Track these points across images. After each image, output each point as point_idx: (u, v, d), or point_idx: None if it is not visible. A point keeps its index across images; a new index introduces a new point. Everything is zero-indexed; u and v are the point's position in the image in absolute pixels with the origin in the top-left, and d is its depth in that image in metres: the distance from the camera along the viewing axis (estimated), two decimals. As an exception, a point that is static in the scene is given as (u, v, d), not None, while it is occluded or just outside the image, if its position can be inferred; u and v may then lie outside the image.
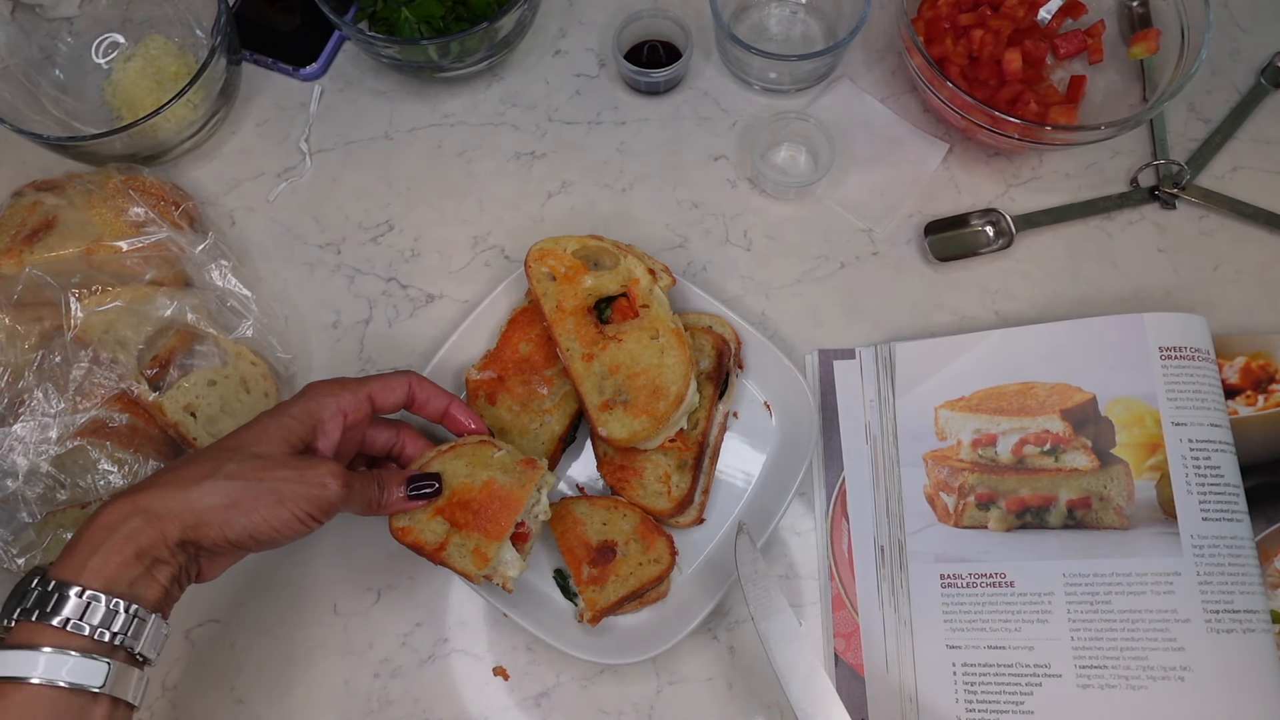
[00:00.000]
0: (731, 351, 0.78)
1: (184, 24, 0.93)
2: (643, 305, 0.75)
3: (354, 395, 0.65)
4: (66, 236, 0.79)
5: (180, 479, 0.57)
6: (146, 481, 0.58)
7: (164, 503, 0.56)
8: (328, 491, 0.59)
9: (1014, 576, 0.72)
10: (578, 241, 0.77)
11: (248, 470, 0.58)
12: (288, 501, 0.58)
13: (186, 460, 0.59)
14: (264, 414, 0.63)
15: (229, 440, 0.60)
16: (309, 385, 0.65)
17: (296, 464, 0.60)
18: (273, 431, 0.61)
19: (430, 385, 0.70)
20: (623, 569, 0.72)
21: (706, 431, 0.76)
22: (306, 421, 0.62)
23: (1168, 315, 0.75)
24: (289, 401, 0.63)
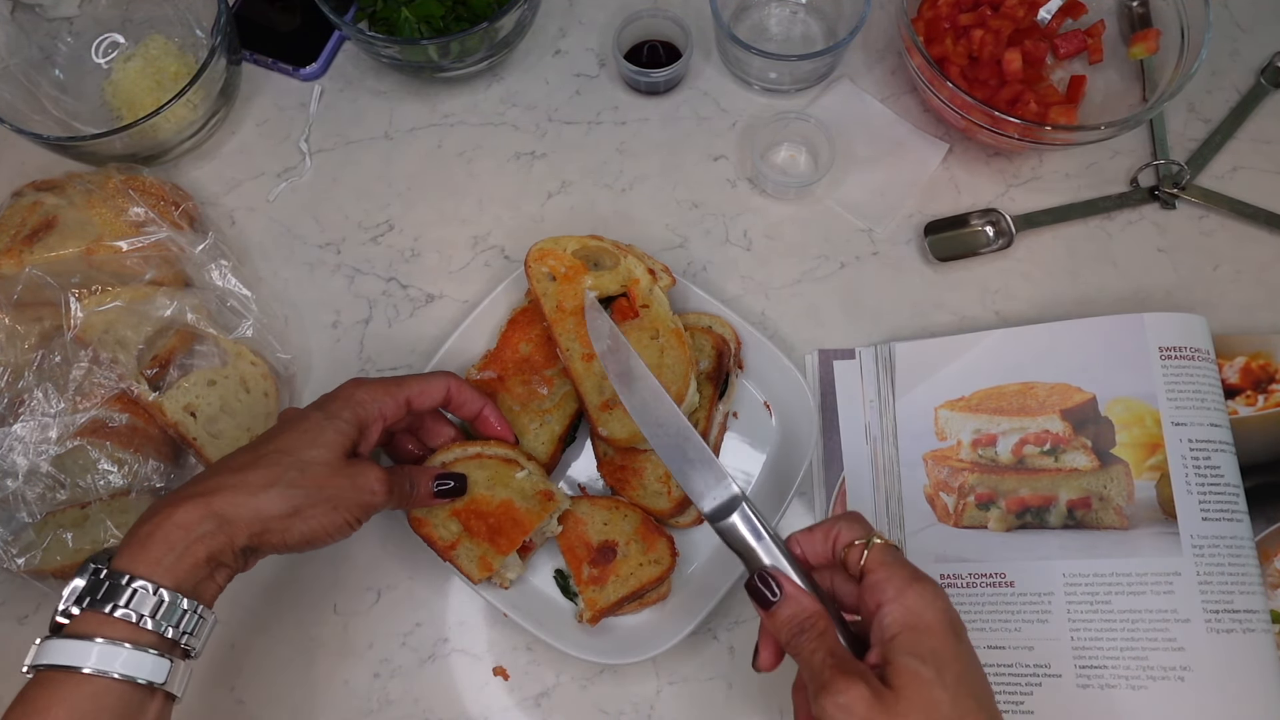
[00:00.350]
0: (731, 351, 0.78)
1: (184, 24, 0.93)
2: (643, 305, 0.75)
3: (394, 400, 0.66)
4: (66, 236, 0.79)
5: (248, 484, 0.58)
6: (214, 482, 0.58)
7: (236, 509, 0.57)
8: (376, 498, 0.63)
9: (1014, 576, 0.72)
10: (578, 241, 0.77)
11: (309, 479, 0.60)
12: (341, 508, 0.61)
13: (248, 462, 0.60)
14: (314, 415, 0.63)
15: (284, 441, 0.61)
16: (353, 386, 0.66)
17: (349, 471, 0.62)
18: (328, 437, 0.62)
19: (468, 389, 0.72)
20: (623, 569, 0.72)
21: (706, 431, 0.76)
22: (356, 428, 0.64)
23: (1168, 315, 0.75)
24: (336, 404, 0.64)
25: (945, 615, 0.53)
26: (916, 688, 0.50)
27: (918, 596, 0.53)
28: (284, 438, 0.61)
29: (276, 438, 0.62)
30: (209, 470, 0.60)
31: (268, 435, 0.62)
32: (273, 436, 0.62)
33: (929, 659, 0.51)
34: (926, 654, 0.51)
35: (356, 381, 0.66)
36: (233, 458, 0.61)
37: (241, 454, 0.61)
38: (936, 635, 0.52)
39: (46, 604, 0.78)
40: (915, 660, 0.51)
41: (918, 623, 0.52)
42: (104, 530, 0.73)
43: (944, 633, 0.52)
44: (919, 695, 0.50)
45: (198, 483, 0.59)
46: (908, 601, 0.53)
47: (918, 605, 0.52)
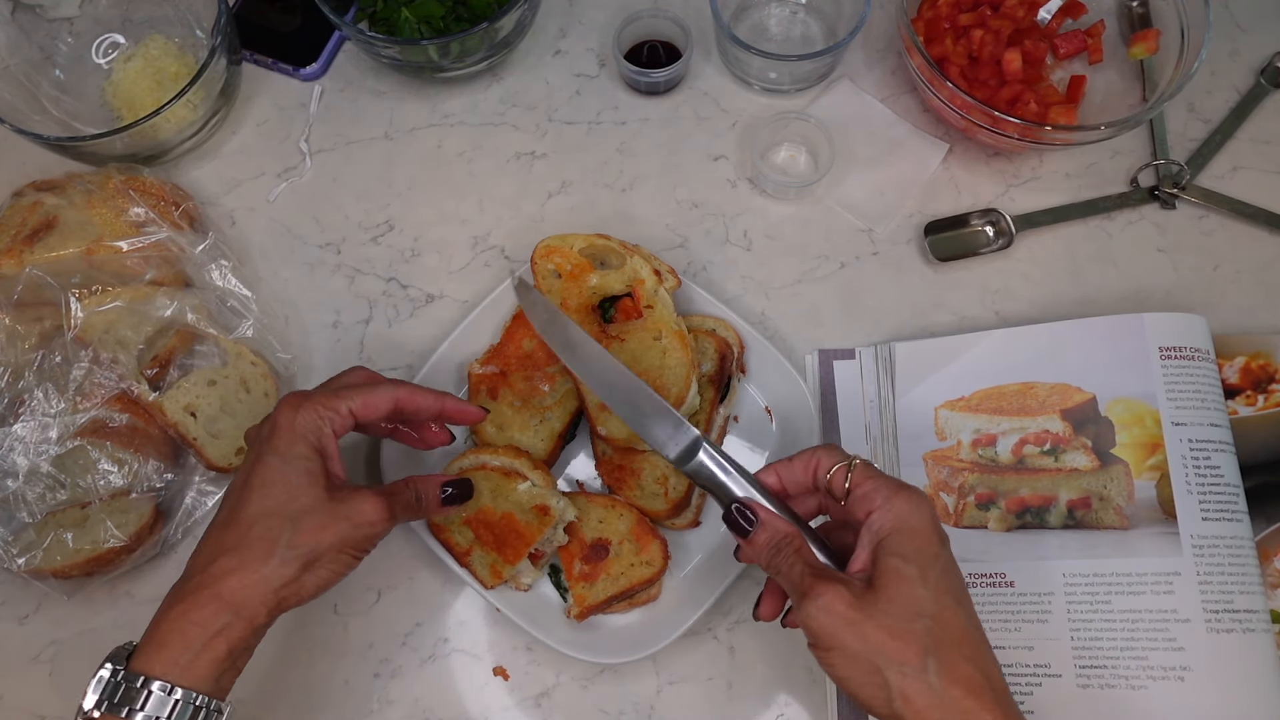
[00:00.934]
0: (734, 355, 0.78)
1: (184, 24, 0.93)
2: (647, 306, 0.75)
3: (337, 414, 0.62)
4: (67, 236, 0.79)
5: (249, 562, 0.57)
6: (217, 568, 0.57)
7: (247, 592, 0.56)
8: (377, 528, 0.61)
9: (1014, 576, 0.72)
10: (584, 240, 0.77)
11: (305, 534, 0.58)
12: (346, 549, 0.60)
13: (239, 538, 0.58)
14: (269, 460, 0.59)
15: (260, 503, 0.58)
16: (289, 411, 0.61)
17: (341, 510, 0.59)
18: (299, 480, 0.59)
19: (420, 392, 0.66)
20: (614, 568, 0.72)
21: (706, 434, 0.76)
22: (316, 456, 0.61)
23: (1168, 315, 0.75)
24: (281, 440, 0.60)
25: (931, 520, 0.56)
26: (899, 584, 0.53)
27: (905, 501, 0.56)
28: (256, 499, 0.58)
29: (248, 501, 0.58)
30: (201, 556, 0.58)
31: (238, 501, 0.59)
32: (244, 501, 0.59)
33: (913, 558, 0.54)
34: (911, 553, 0.54)
35: (289, 404, 0.61)
36: (220, 536, 0.58)
37: (226, 531, 0.58)
38: (922, 537, 0.55)
39: (47, 604, 0.78)
40: (899, 560, 0.54)
41: (904, 525, 0.55)
42: (104, 530, 0.73)
43: (929, 535, 0.55)
44: (901, 592, 0.53)
45: (198, 572, 0.57)
46: (896, 506, 0.55)
47: (905, 509, 0.55)
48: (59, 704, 0.76)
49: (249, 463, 0.61)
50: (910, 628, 0.52)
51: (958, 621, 0.53)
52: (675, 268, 0.80)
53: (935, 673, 0.51)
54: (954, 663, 0.52)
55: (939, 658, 0.52)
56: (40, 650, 0.77)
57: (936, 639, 0.52)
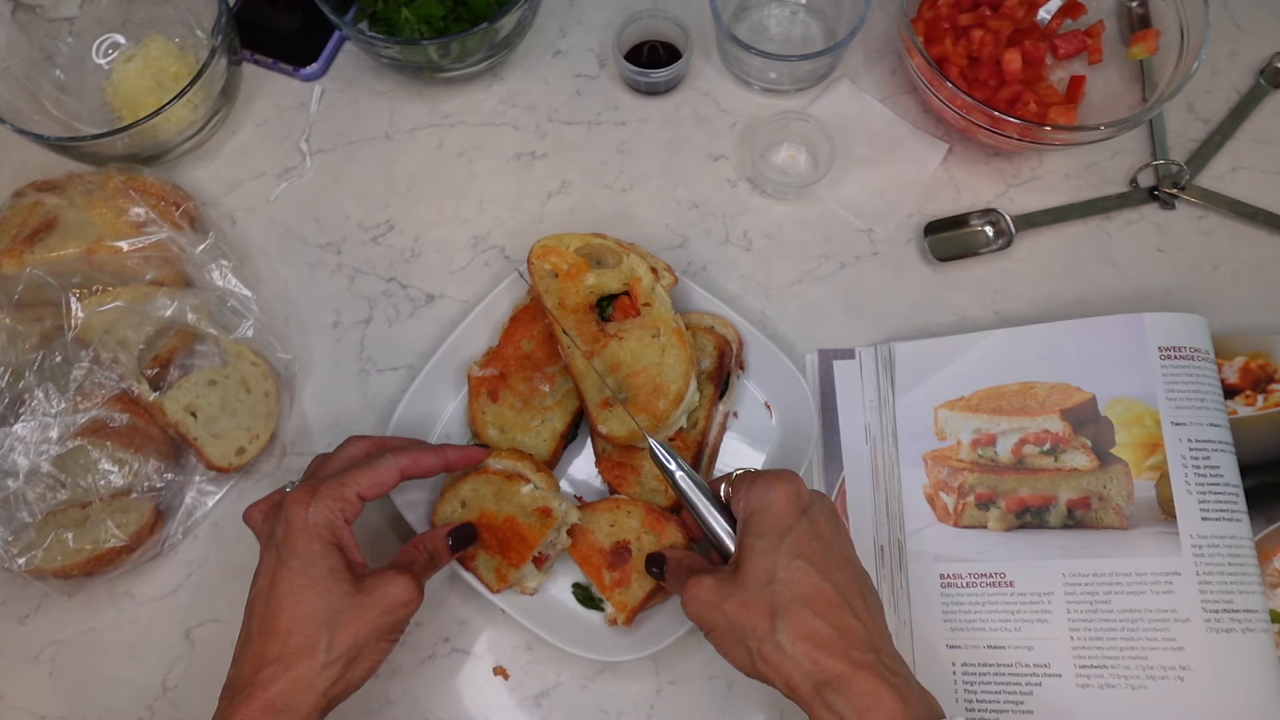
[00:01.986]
0: (733, 352, 0.78)
1: (184, 24, 0.93)
2: (644, 304, 0.75)
3: (348, 504, 0.63)
4: (67, 236, 0.79)
5: (295, 669, 0.57)
6: (265, 676, 0.57)
7: (298, 698, 0.57)
8: (410, 607, 0.62)
9: (1014, 576, 0.72)
10: (581, 239, 0.77)
11: (344, 633, 0.59)
12: (385, 635, 0.61)
13: (281, 649, 0.58)
14: (292, 565, 0.60)
15: (292, 611, 0.59)
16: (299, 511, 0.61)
17: (372, 601, 0.60)
18: (325, 582, 0.60)
19: (423, 455, 0.68)
20: (641, 562, 0.72)
21: (706, 431, 0.77)
22: (336, 550, 0.61)
23: (1167, 315, 0.75)
24: (298, 541, 0.60)
25: (787, 496, 0.60)
26: (752, 559, 0.59)
27: (760, 485, 0.61)
28: (288, 607, 0.59)
29: (280, 610, 0.59)
30: (245, 667, 0.59)
31: (269, 610, 0.59)
32: (276, 610, 0.59)
33: (766, 533, 0.59)
34: (765, 529, 0.59)
35: (300, 502, 0.61)
36: (260, 647, 0.59)
37: (266, 642, 0.59)
38: (774, 512, 0.60)
39: (47, 604, 0.78)
40: (754, 537, 0.59)
41: (759, 506, 0.60)
42: (104, 530, 0.74)
43: (783, 509, 0.60)
44: (753, 565, 0.58)
45: (247, 684, 0.57)
46: (752, 492, 0.61)
47: (759, 493, 0.61)
48: (59, 704, 0.76)
49: (270, 567, 0.61)
50: (759, 596, 0.57)
51: (808, 581, 0.57)
52: (675, 267, 0.80)
53: (783, 631, 0.56)
54: (800, 619, 0.56)
55: (786, 617, 0.56)
56: (40, 650, 0.77)
57: (784, 600, 0.56)
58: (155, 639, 0.77)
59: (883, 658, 0.56)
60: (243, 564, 0.79)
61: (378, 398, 0.83)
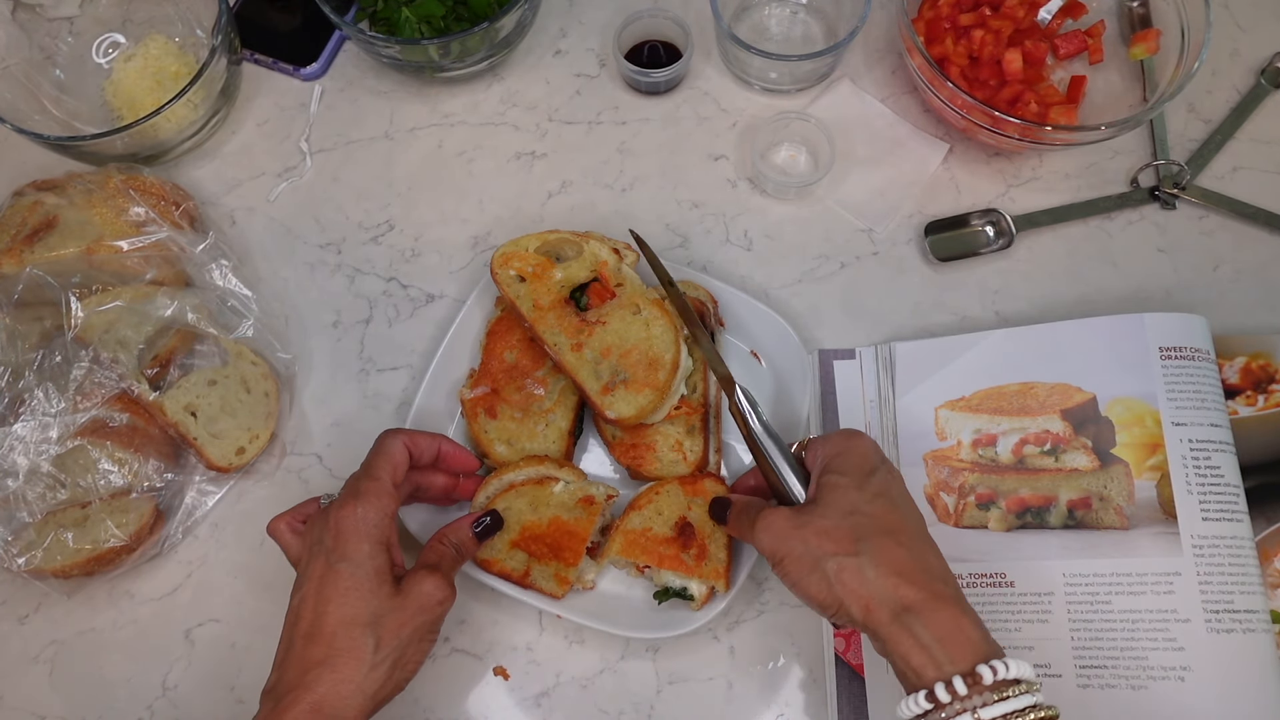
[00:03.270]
0: (711, 311, 0.79)
1: (184, 24, 0.93)
2: (617, 284, 0.76)
3: (389, 496, 0.64)
4: (67, 236, 0.79)
5: (341, 673, 0.58)
6: (312, 678, 0.58)
7: (346, 702, 0.58)
8: (445, 605, 0.63)
9: (1014, 576, 0.72)
10: (537, 239, 0.78)
11: (388, 638, 0.60)
12: (425, 637, 0.63)
13: (325, 652, 0.58)
14: (341, 569, 0.60)
15: (338, 614, 0.59)
16: (350, 514, 0.62)
17: (410, 603, 0.61)
18: (370, 585, 0.60)
19: (418, 435, 0.69)
20: (707, 528, 0.73)
21: (706, 393, 0.78)
22: (385, 554, 0.62)
23: (1168, 315, 0.75)
24: (348, 544, 0.61)
25: (870, 445, 0.63)
26: (833, 492, 0.60)
27: (842, 436, 0.64)
28: (334, 610, 0.59)
29: (327, 613, 0.59)
30: (290, 670, 0.59)
31: (315, 610, 0.60)
32: (323, 613, 0.60)
33: (848, 471, 0.61)
34: (847, 468, 0.61)
35: (348, 505, 0.62)
36: (305, 649, 0.59)
37: (311, 645, 0.59)
38: (858, 455, 0.62)
39: (47, 604, 0.78)
40: (835, 474, 0.61)
41: (840, 450, 0.62)
42: (104, 530, 0.74)
43: (866, 454, 0.62)
44: (835, 497, 0.60)
45: (294, 687, 0.58)
46: (833, 440, 0.64)
47: (840, 439, 0.64)
48: (59, 704, 0.76)
49: (318, 572, 0.61)
50: (842, 523, 0.58)
51: (893, 515, 0.59)
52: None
53: (867, 555, 0.57)
54: (885, 547, 0.57)
55: (870, 543, 0.57)
56: (40, 650, 0.77)
57: (868, 529, 0.58)
58: (155, 639, 0.77)
59: (960, 594, 0.57)
60: (243, 564, 0.79)
61: (378, 398, 0.83)
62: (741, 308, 0.80)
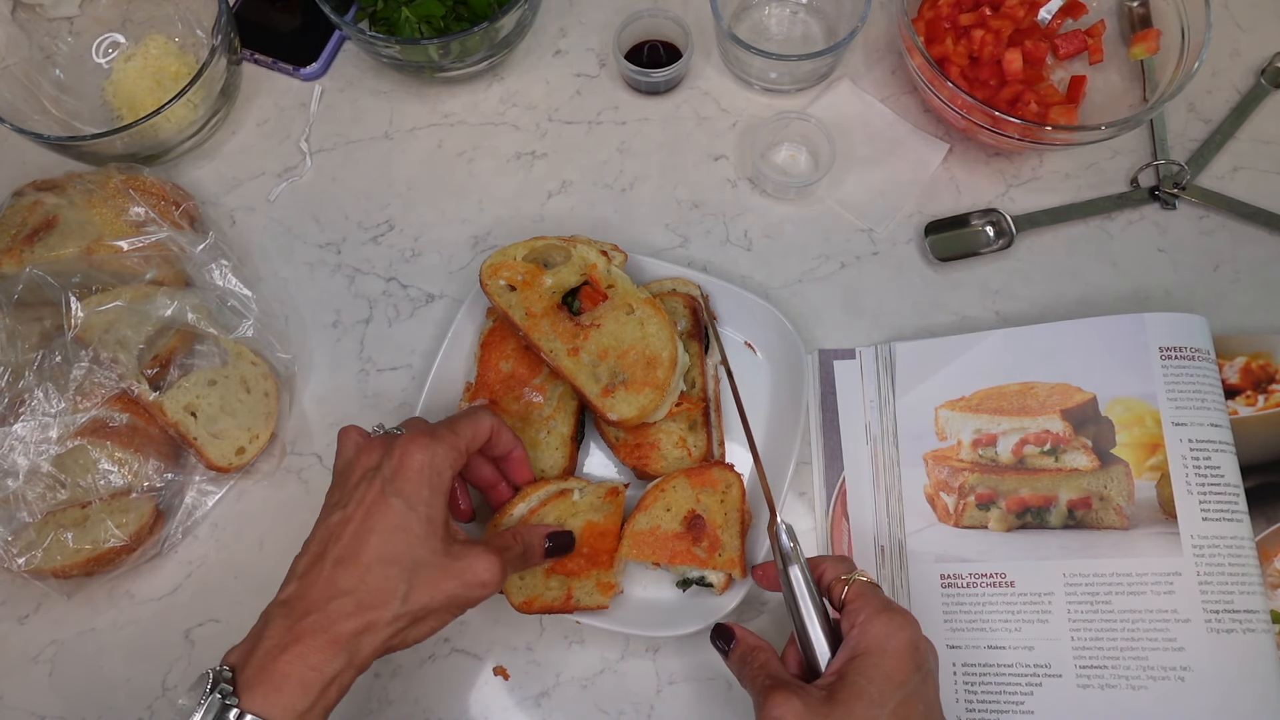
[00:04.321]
0: (703, 305, 0.80)
1: (184, 24, 0.93)
2: (608, 286, 0.76)
3: (459, 455, 0.63)
4: (67, 236, 0.79)
5: (365, 609, 0.56)
6: (335, 608, 0.56)
7: (363, 641, 0.56)
8: (488, 589, 0.61)
9: (1014, 576, 0.72)
10: (524, 247, 0.78)
11: (422, 590, 0.58)
12: (454, 608, 0.60)
13: (357, 580, 0.57)
14: (394, 504, 0.59)
15: (379, 547, 0.58)
16: (419, 451, 0.60)
17: (457, 568, 0.59)
18: (420, 531, 0.59)
19: (504, 426, 0.69)
20: (718, 518, 0.72)
21: (704, 387, 0.78)
22: (440, 505, 0.60)
23: (1168, 315, 0.75)
24: (409, 483, 0.59)
25: (909, 647, 0.57)
26: (854, 702, 0.54)
27: (886, 624, 0.57)
28: (376, 542, 0.58)
29: (368, 543, 0.58)
30: (314, 589, 0.57)
31: (355, 536, 0.58)
32: (363, 542, 0.58)
33: (877, 680, 0.55)
34: (877, 675, 0.55)
35: (420, 443, 0.60)
36: (334, 573, 0.57)
37: (340, 569, 0.57)
38: (893, 661, 0.56)
39: (47, 604, 0.78)
40: (864, 680, 0.55)
41: (880, 646, 0.56)
42: (104, 530, 0.74)
43: (902, 659, 0.56)
44: (856, 710, 0.54)
45: (314, 609, 0.56)
46: (874, 627, 0.57)
47: (882, 631, 0.57)
48: (59, 704, 0.76)
49: (369, 498, 0.59)
50: None
51: None
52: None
53: None
54: None
55: None
56: (40, 650, 0.77)
57: None
58: (155, 639, 0.77)
59: None
60: (243, 564, 0.79)
61: (378, 398, 0.83)
62: (730, 299, 0.80)
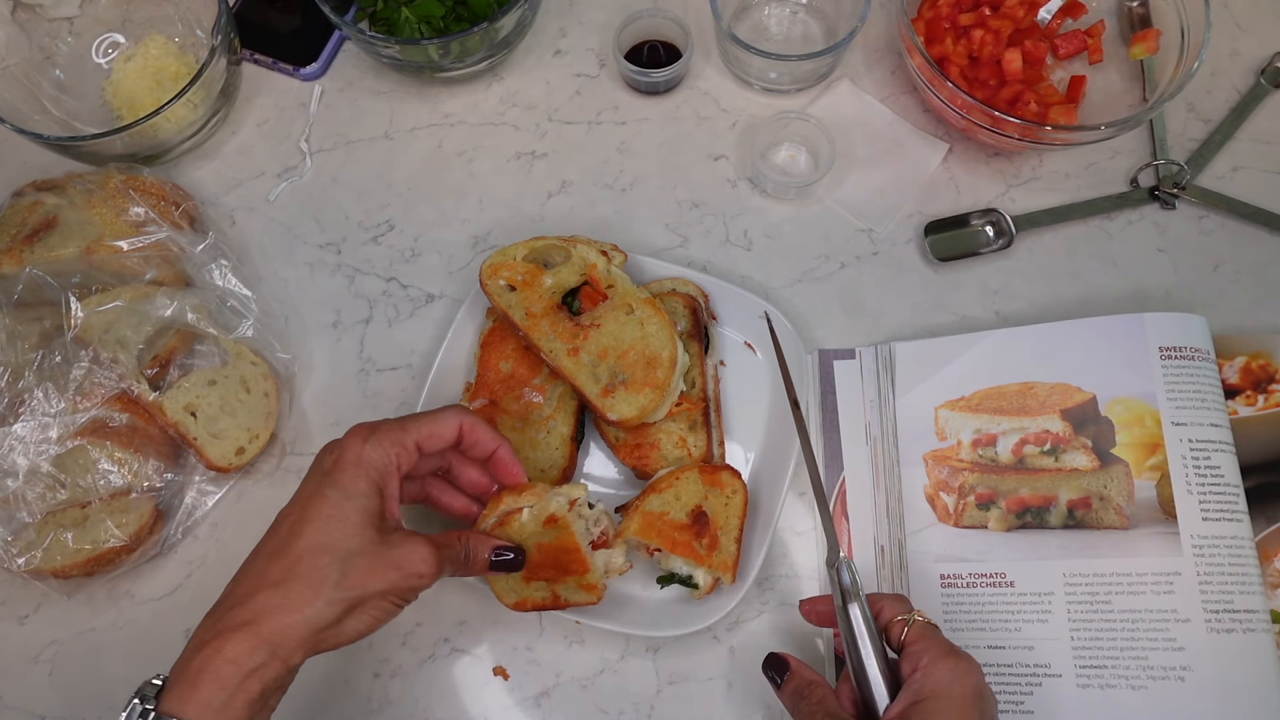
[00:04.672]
0: (703, 305, 0.80)
1: (184, 24, 0.93)
2: (608, 286, 0.76)
3: (405, 449, 0.62)
4: (67, 236, 0.79)
5: (292, 601, 0.55)
6: (257, 603, 0.55)
7: (286, 632, 0.55)
8: (425, 580, 0.59)
9: (1014, 576, 0.72)
10: (524, 247, 0.78)
11: (353, 578, 0.57)
12: (390, 597, 0.59)
13: (284, 573, 0.56)
14: (329, 494, 0.58)
15: (312, 536, 0.57)
16: (357, 444, 0.60)
17: (392, 556, 0.58)
18: (354, 519, 0.58)
19: (482, 426, 0.66)
20: (720, 519, 0.72)
21: (704, 387, 0.78)
22: (376, 495, 0.60)
23: (1168, 315, 0.75)
24: (345, 473, 0.59)
25: (973, 690, 0.56)
26: None
27: (950, 669, 0.57)
28: (308, 531, 0.57)
29: (300, 534, 0.57)
30: (243, 584, 0.57)
31: (290, 529, 0.58)
32: (296, 534, 0.57)
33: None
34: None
35: (359, 435, 0.61)
36: (265, 566, 0.57)
37: (272, 561, 0.57)
38: (958, 708, 0.55)
39: (47, 604, 0.78)
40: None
41: (944, 692, 0.56)
42: (104, 530, 0.74)
43: (967, 707, 0.56)
44: None
45: (239, 604, 0.56)
46: (939, 672, 0.57)
47: (948, 677, 0.56)
48: (59, 704, 0.76)
49: (307, 492, 0.60)
50: None
51: None
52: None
53: None
54: None
55: None
56: (40, 650, 0.77)
57: None
58: (155, 639, 0.77)
59: None
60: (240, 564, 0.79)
61: (378, 398, 0.83)
62: (729, 299, 0.80)
